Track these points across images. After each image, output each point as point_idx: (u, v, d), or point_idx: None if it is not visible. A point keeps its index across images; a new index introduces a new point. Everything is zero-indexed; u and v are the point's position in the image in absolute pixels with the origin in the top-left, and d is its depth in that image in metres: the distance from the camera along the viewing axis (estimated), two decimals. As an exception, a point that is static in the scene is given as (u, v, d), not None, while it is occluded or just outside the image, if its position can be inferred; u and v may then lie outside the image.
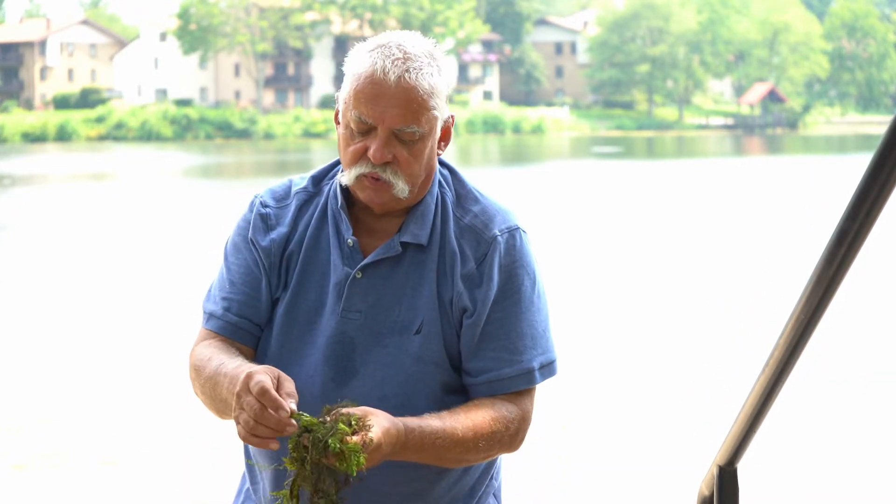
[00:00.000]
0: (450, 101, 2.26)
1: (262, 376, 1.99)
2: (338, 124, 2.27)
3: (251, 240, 2.31)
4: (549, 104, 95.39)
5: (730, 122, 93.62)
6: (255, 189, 2.43)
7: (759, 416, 2.07)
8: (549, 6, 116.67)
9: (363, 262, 2.24)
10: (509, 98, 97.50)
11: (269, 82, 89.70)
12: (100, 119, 76.09)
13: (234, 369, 2.12)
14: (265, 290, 2.28)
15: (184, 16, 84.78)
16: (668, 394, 9.20)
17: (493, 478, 2.39)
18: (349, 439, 1.96)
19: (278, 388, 1.99)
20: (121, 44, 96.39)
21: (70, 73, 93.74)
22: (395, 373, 2.21)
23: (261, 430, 1.97)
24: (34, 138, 72.60)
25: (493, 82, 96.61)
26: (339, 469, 1.96)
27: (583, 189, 32.44)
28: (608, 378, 9.75)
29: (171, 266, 16.88)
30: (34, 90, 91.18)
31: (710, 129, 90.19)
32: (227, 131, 76.91)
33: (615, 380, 9.69)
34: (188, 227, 22.65)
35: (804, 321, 1.76)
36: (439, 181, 2.31)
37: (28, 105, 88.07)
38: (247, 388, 1.98)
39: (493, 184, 24.56)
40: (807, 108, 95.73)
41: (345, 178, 2.23)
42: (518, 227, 2.29)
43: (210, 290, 2.35)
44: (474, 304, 2.23)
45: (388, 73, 2.14)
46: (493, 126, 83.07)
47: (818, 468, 7.26)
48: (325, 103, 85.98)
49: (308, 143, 71.58)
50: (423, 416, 2.14)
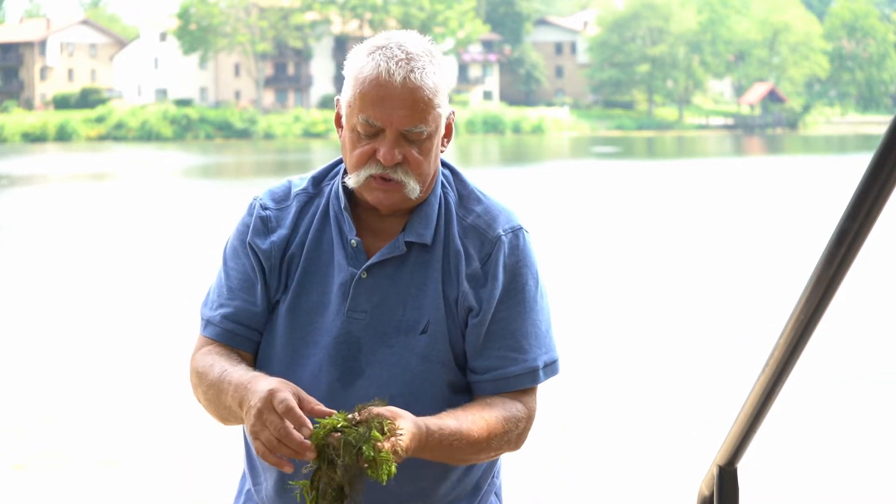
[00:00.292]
0: (449, 100, 2.27)
1: (286, 394, 1.99)
2: (339, 127, 2.27)
3: (250, 244, 2.30)
4: (549, 104, 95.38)
5: (730, 122, 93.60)
6: (254, 189, 2.43)
7: (759, 416, 2.08)
8: (549, 6, 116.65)
9: (369, 262, 2.25)
10: (509, 98, 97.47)
11: (269, 82, 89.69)
12: (100, 119, 76.07)
13: (240, 377, 2.12)
14: (263, 296, 2.28)
15: (184, 16, 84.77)
16: (668, 394, 9.20)
17: (494, 476, 2.40)
18: (382, 446, 1.95)
19: (301, 406, 2.00)
20: (121, 44, 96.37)
21: (70, 73, 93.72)
22: (401, 372, 2.22)
23: (283, 450, 1.97)
24: (34, 138, 72.58)
25: (493, 82, 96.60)
26: (370, 476, 1.95)
27: (583, 189, 32.43)
28: (608, 378, 9.74)
29: (170, 266, 16.87)
30: (34, 90, 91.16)
31: (710, 129, 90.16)
32: (227, 131, 76.88)
33: (615, 380, 9.69)
34: (188, 227, 22.64)
35: (804, 321, 1.76)
36: (441, 181, 2.32)
37: (28, 105, 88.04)
38: (270, 405, 1.98)
39: (494, 184, 24.52)
40: (807, 108, 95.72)
41: (352, 180, 2.23)
42: (521, 227, 2.30)
43: (208, 296, 2.35)
44: (480, 303, 2.24)
45: (394, 74, 2.15)
46: (493, 126, 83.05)
47: (818, 468, 7.25)
48: (325, 103, 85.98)
49: (308, 143, 71.56)
50: (440, 415, 2.14)
